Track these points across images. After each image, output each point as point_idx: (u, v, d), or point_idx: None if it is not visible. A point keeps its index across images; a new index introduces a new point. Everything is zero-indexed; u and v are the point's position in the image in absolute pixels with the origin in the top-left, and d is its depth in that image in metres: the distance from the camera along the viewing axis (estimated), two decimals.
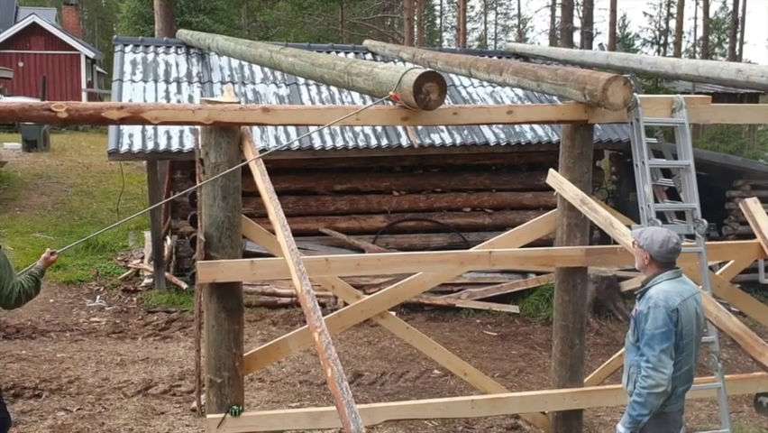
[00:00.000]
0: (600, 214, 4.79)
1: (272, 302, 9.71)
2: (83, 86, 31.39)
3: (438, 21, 51.37)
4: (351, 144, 9.97)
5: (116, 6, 41.11)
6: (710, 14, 35.13)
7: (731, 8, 36.18)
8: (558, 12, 33.41)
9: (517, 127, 10.58)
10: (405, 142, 10.13)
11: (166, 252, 10.56)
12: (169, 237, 10.99)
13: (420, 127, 10.13)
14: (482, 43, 51.55)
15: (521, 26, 52.78)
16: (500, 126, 10.49)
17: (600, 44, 23.65)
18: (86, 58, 32.02)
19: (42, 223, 13.67)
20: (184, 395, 6.84)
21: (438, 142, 10.23)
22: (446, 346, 6.37)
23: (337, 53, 11.56)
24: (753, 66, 7.00)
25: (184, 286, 9.98)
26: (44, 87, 25.74)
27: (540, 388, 6.99)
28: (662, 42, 37.27)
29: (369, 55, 12.26)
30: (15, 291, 4.68)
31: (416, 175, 10.96)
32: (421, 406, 5.09)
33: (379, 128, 10.19)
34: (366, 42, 13.04)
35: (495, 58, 10.59)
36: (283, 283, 9.58)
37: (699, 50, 36.47)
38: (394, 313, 5.69)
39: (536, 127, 10.72)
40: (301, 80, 10.89)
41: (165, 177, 10.59)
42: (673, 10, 35.42)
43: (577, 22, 26.02)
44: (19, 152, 19.88)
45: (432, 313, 9.73)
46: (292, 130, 9.89)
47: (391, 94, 4.54)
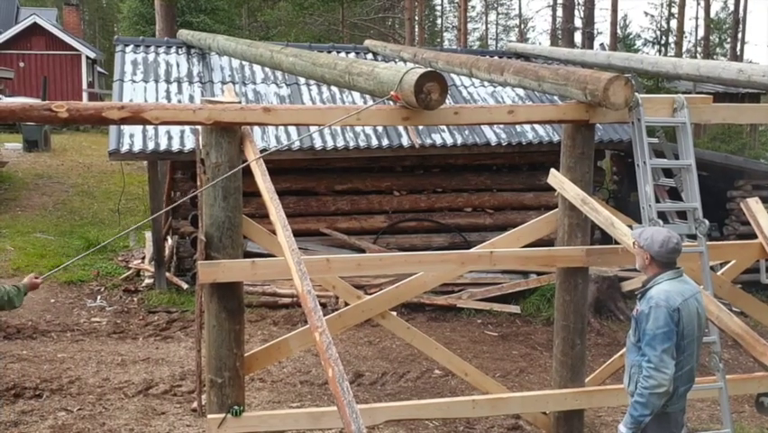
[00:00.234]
0: (601, 214, 4.78)
1: (273, 302, 9.72)
2: (84, 86, 31.42)
3: (439, 21, 51.37)
4: (351, 144, 9.97)
5: (117, 7, 41.11)
6: (711, 14, 35.16)
7: (732, 8, 36.24)
8: (559, 12, 33.47)
9: (518, 127, 10.57)
10: (406, 142, 10.12)
11: (167, 252, 10.55)
12: (169, 237, 10.98)
13: (421, 127, 10.13)
14: (483, 43, 51.54)
15: (522, 26, 52.79)
16: (501, 126, 10.49)
17: (601, 44, 23.62)
18: (87, 58, 32.06)
19: (43, 223, 13.68)
20: (185, 395, 6.84)
21: (439, 142, 10.22)
22: (447, 346, 6.37)
23: (338, 53, 11.55)
24: (754, 66, 7.00)
25: (185, 286, 9.99)
26: (45, 87, 25.73)
27: (541, 388, 6.99)
28: (663, 42, 37.26)
29: (370, 55, 12.25)
30: (2, 291, 4.63)
31: (417, 175, 10.96)
32: (422, 406, 5.08)
33: (380, 128, 10.19)
34: (367, 42, 13.03)
35: (496, 58, 10.56)
36: (284, 283, 9.58)
37: (700, 50, 36.47)
38: (395, 313, 5.68)
39: (537, 127, 10.71)
40: (302, 80, 10.89)
41: (166, 177, 10.61)
42: (674, 10, 35.48)
43: (578, 22, 26.04)
44: (20, 152, 19.90)
45: (433, 313, 9.73)
46: (293, 130, 9.88)
47: (392, 94, 4.52)
